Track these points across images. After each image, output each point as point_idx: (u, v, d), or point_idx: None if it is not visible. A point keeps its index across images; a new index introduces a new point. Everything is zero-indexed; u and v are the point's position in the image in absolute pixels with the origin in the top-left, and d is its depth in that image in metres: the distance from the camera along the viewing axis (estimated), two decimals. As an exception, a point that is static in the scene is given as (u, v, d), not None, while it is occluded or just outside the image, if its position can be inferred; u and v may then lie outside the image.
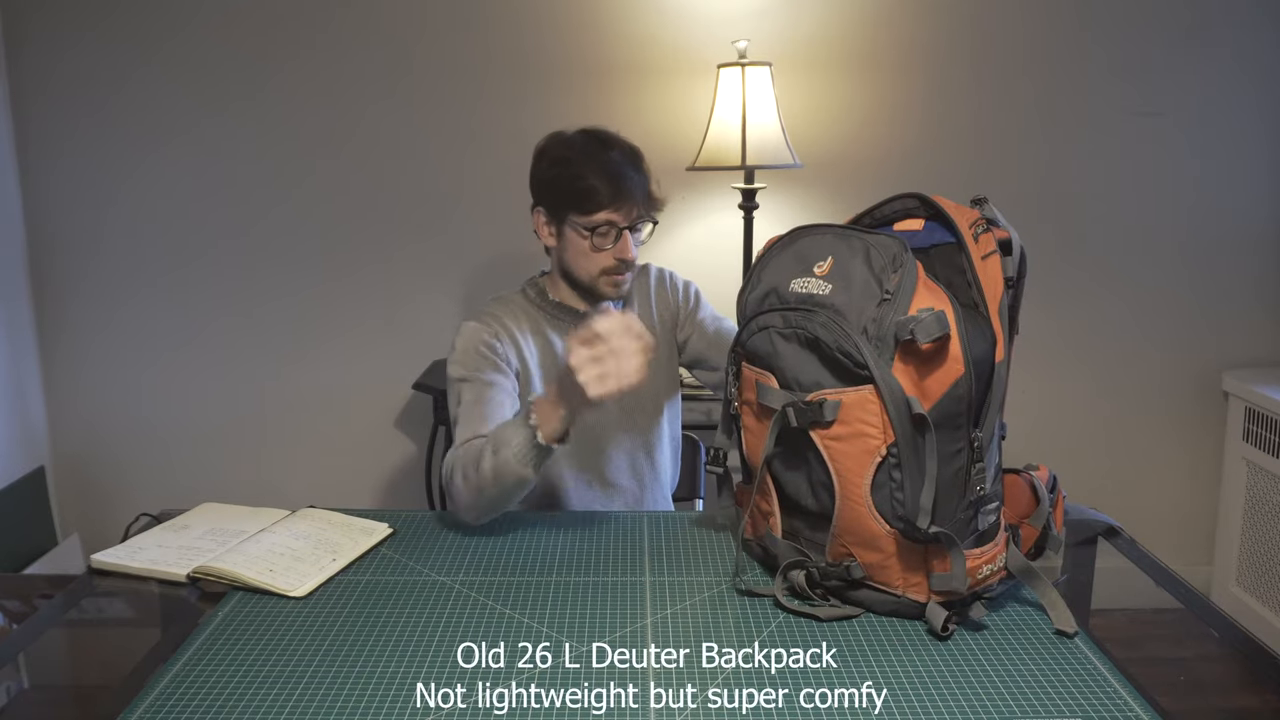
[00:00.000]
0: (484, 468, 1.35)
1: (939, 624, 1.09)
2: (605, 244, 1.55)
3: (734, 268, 2.59)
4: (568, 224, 1.56)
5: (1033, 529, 1.21)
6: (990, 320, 1.11)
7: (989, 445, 1.12)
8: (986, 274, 1.13)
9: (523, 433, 1.33)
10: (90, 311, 2.66)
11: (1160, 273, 2.66)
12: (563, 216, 1.56)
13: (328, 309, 2.67)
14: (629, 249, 1.56)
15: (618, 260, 1.56)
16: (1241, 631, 1.14)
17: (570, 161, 1.54)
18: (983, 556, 1.11)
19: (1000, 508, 1.15)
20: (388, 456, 2.74)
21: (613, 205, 1.52)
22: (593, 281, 1.59)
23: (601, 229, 1.53)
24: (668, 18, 2.53)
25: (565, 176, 1.54)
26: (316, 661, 1.07)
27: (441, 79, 2.56)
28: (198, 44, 2.53)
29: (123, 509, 2.65)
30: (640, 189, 1.55)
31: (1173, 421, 2.73)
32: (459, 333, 1.59)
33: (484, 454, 1.36)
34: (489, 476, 1.34)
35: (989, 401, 1.11)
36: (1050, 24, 2.54)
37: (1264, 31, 2.54)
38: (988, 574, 1.12)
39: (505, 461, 1.33)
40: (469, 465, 1.37)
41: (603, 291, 1.60)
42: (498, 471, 1.33)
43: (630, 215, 1.54)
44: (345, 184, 2.61)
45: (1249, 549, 2.59)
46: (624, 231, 1.55)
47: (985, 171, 2.60)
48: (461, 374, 1.54)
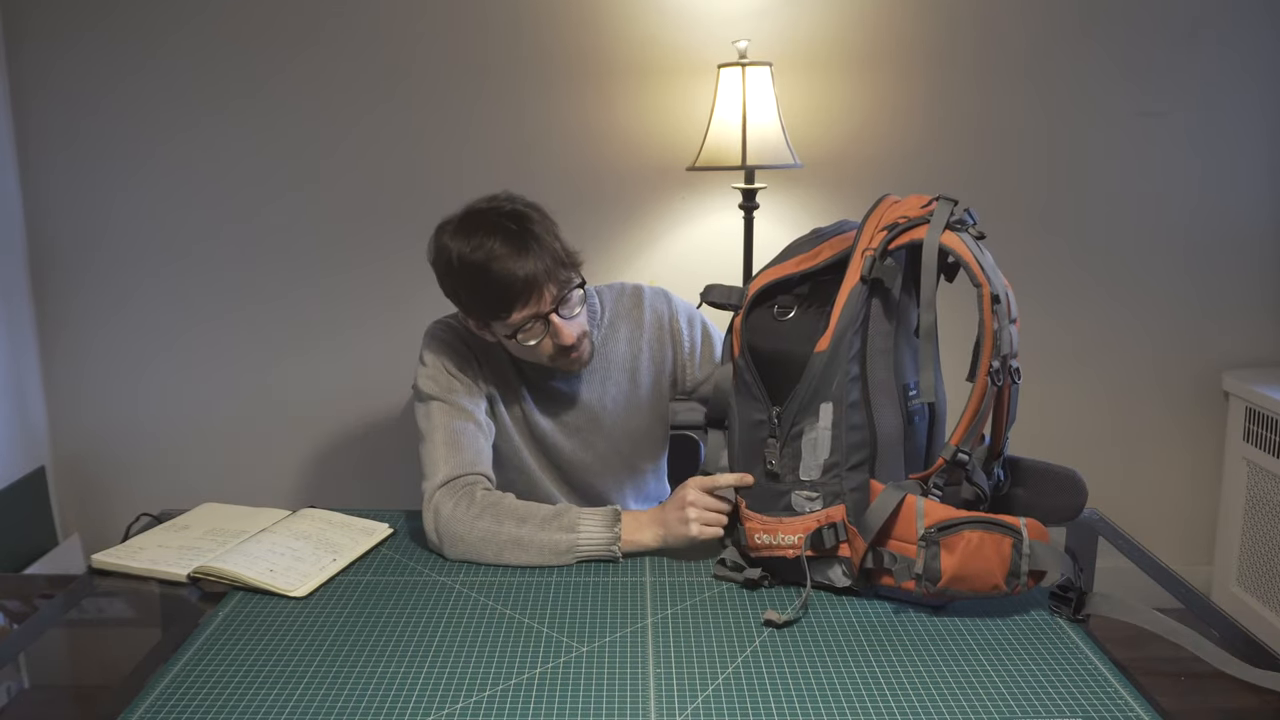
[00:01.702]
0: (540, 534, 1.33)
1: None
2: (534, 337, 1.41)
3: (734, 268, 2.59)
4: (493, 330, 1.45)
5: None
6: (831, 312, 1.19)
7: (791, 426, 1.21)
8: (853, 266, 1.19)
9: (604, 534, 1.33)
10: (90, 312, 2.66)
11: (1160, 273, 2.66)
12: (486, 324, 1.45)
13: (328, 309, 2.67)
14: (564, 333, 1.41)
15: (558, 347, 1.43)
16: (1241, 631, 1.14)
17: (461, 280, 1.41)
18: (764, 525, 1.23)
19: (825, 500, 1.19)
20: (388, 456, 2.74)
21: (521, 303, 1.37)
22: (552, 363, 1.47)
23: (526, 327, 1.40)
24: (668, 18, 2.53)
25: (465, 297, 1.43)
26: (316, 661, 1.07)
27: (441, 79, 2.56)
28: (197, 43, 2.53)
29: (123, 509, 2.65)
30: (541, 269, 1.36)
31: (1173, 421, 2.73)
32: (427, 342, 1.52)
33: (546, 521, 1.34)
34: (540, 543, 1.33)
35: (799, 386, 1.19)
36: (1051, 24, 2.54)
37: (1265, 31, 2.54)
38: (764, 543, 1.23)
39: (568, 542, 1.33)
40: (511, 518, 1.34)
41: (567, 370, 1.49)
42: (555, 546, 1.33)
43: (545, 299, 1.38)
44: (345, 184, 2.61)
45: (1249, 549, 2.59)
46: (549, 317, 1.40)
47: (985, 171, 2.60)
48: (434, 390, 1.47)
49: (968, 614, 1.17)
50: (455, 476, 1.39)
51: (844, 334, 1.17)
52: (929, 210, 1.17)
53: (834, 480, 1.19)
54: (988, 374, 1.12)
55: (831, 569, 1.20)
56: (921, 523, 1.12)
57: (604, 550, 1.33)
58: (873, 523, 1.14)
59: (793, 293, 1.25)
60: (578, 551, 1.33)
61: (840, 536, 1.18)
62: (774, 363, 1.23)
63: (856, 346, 1.17)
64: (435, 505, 1.37)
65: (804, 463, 1.20)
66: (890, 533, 1.14)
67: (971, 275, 1.12)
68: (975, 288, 1.12)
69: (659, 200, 2.59)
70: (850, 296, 1.17)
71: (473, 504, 1.36)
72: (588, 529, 1.33)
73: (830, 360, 1.18)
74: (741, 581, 1.25)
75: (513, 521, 1.34)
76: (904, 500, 1.13)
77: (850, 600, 1.20)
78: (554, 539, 1.33)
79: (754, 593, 1.23)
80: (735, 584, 1.26)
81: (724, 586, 1.25)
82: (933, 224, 1.15)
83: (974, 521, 1.11)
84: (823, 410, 1.19)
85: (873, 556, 1.15)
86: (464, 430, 1.44)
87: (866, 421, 1.18)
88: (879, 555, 1.15)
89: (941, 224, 1.14)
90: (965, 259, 1.13)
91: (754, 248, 2.47)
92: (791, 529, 1.21)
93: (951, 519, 1.11)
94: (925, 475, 1.17)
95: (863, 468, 1.18)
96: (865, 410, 1.18)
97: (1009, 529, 1.10)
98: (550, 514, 1.35)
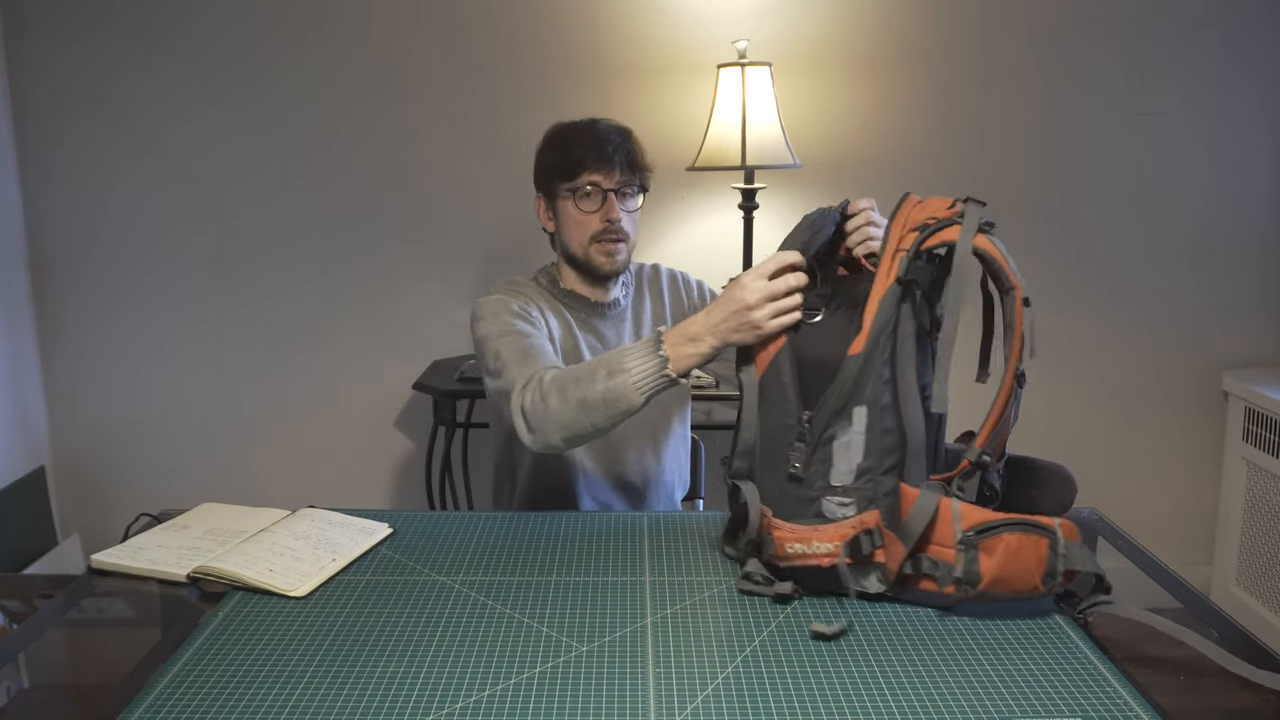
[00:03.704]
0: (595, 389, 1.32)
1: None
2: (591, 206, 1.57)
3: (734, 268, 2.59)
4: (559, 197, 1.60)
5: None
6: (864, 314, 1.16)
7: (823, 431, 1.16)
8: (884, 267, 1.17)
9: (650, 361, 1.31)
10: (90, 311, 2.66)
11: (1160, 272, 2.66)
12: (554, 192, 1.60)
13: (328, 309, 2.67)
14: (615, 209, 1.57)
15: (606, 223, 1.57)
16: (1241, 631, 1.14)
17: (557, 136, 1.62)
18: (795, 534, 1.17)
19: (859, 505, 1.17)
20: (388, 456, 2.74)
21: (594, 167, 1.56)
22: (586, 253, 1.59)
23: (585, 189, 1.56)
24: (668, 18, 2.53)
25: (551, 150, 1.61)
26: (316, 661, 1.07)
27: (441, 78, 2.56)
28: (195, 39, 2.53)
29: (123, 509, 2.65)
30: (623, 154, 1.58)
31: (1173, 421, 2.73)
32: (479, 305, 1.58)
33: (596, 374, 1.33)
34: (598, 398, 1.32)
35: (831, 390, 1.16)
36: (1052, 23, 2.54)
37: (1267, 32, 2.54)
38: (796, 552, 1.17)
39: (622, 385, 1.31)
40: (572, 384, 1.34)
41: (596, 263, 1.60)
42: (612, 394, 1.31)
43: (614, 179, 1.57)
44: (346, 184, 2.61)
45: (1249, 549, 2.59)
46: (609, 194, 1.57)
47: (985, 171, 2.60)
48: (498, 330, 1.52)
49: (968, 614, 1.16)
50: (530, 378, 1.41)
51: (878, 336, 1.15)
52: (955, 212, 1.16)
53: (868, 485, 1.17)
54: (1015, 377, 1.12)
55: (867, 577, 1.18)
56: (959, 526, 1.11)
57: (659, 378, 1.31)
58: (914, 528, 1.12)
59: (814, 293, 1.23)
60: (638, 388, 1.31)
61: (877, 542, 1.16)
62: (804, 366, 1.20)
63: (888, 349, 1.16)
64: (519, 408, 1.39)
65: (835, 468, 1.17)
66: (929, 537, 1.13)
67: (1005, 279, 1.13)
68: (1006, 291, 1.12)
69: (659, 200, 2.59)
70: (885, 298, 1.16)
71: (541, 388, 1.38)
72: (634, 363, 1.32)
73: (865, 363, 1.15)
74: (772, 595, 1.20)
75: (575, 386, 1.34)
76: (940, 503, 1.13)
77: (850, 601, 1.20)
78: (611, 389, 1.31)
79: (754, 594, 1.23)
80: (766, 597, 1.21)
81: (724, 586, 1.24)
82: (965, 228, 1.13)
83: (1012, 524, 1.10)
84: (856, 414, 1.16)
85: (911, 562, 1.14)
86: (530, 345, 1.48)
87: (897, 425, 1.16)
88: (918, 560, 1.14)
89: (974, 228, 1.13)
90: (999, 261, 1.13)
91: (754, 248, 2.47)
92: (827, 537, 1.17)
93: (988, 521, 1.11)
94: (949, 477, 1.16)
95: (894, 471, 1.16)
96: (896, 413, 1.16)
97: (1045, 529, 1.10)
98: (599, 363, 1.35)
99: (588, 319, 1.65)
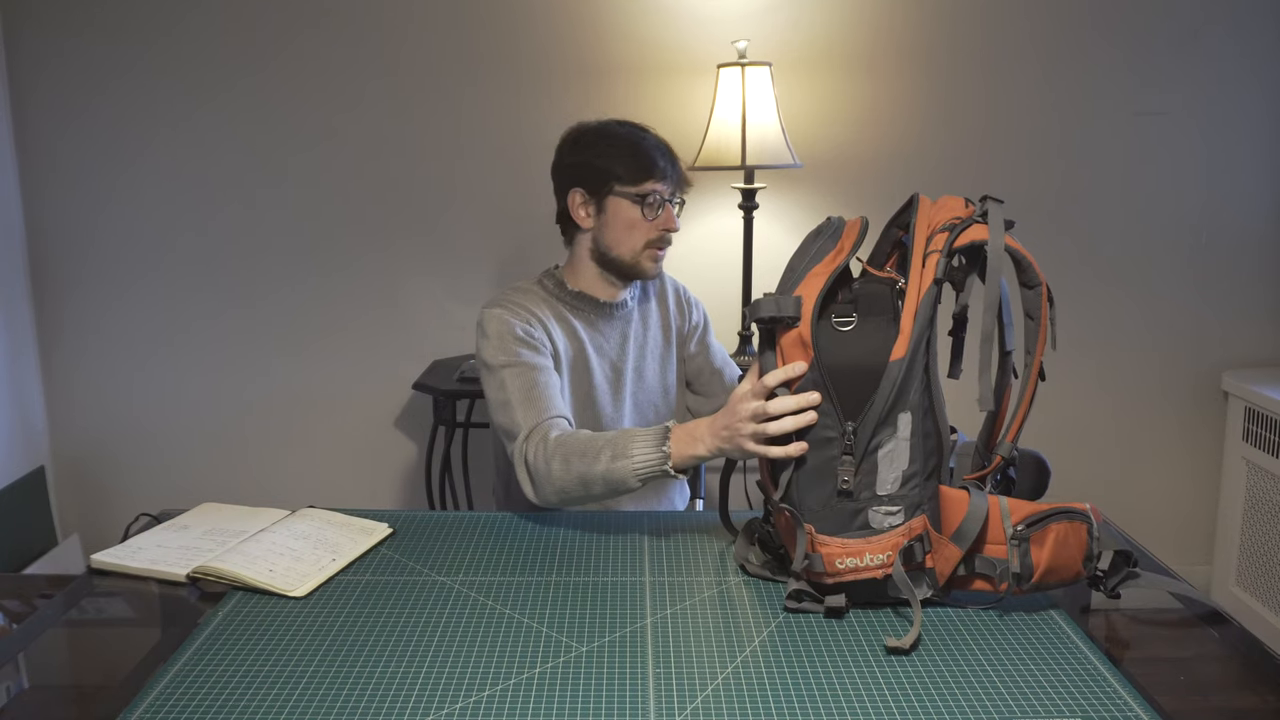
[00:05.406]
0: (598, 467, 1.36)
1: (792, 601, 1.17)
2: (654, 213, 1.59)
3: (734, 267, 2.59)
4: (614, 196, 1.59)
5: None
6: (899, 317, 1.15)
7: (869, 441, 1.14)
8: (916, 269, 1.16)
9: (654, 454, 1.34)
10: (90, 312, 2.66)
11: (1160, 273, 2.66)
12: (608, 190, 1.59)
13: (328, 309, 2.67)
14: (674, 220, 1.61)
15: (662, 232, 1.60)
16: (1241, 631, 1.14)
17: (618, 137, 1.60)
18: (846, 548, 1.14)
19: (907, 512, 1.15)
20: (388, 456, 2.74)
21: (660, 175, 1.58)
22: (635, 257, 1.61)
23: (651, 198, 1.58)
24: (668, 18, 2.53)
25: (615, 150, 1.59)
26: (316, 661, 1.07)
27: (441, 78, 2.56)
28: (195, 40, 2.53)
29: (123, 509, 2.65)
30: (676, 167, 1.63)
31: (1173, 421, 2.73)
32: (485, 320, 1.57)
33: (601, 453, 1.36)
34: (599, 476, 1.36)
35: (875, 397, 1.14)
36: (1052, 23, 2.54)
37: (1267, 32, 2.54)
38: (848, 567, 1.14)
39: (623, 470, 1.35)
40: (577, 457, 1.38)
41: (644, 267, 1.62)
42: (612, 476, 1.35)
43: (671, 190, 1.61)
44: (346, 184, 2.61)
45: (1249, 549, 2.59)
46: (667, 204, 1.60)
47: (985, 171, 2.60)
48: (503, 360, 1.52)
49: (967, 613, 1.17)
50: (534, 427, 1.45)
51: (919, 340, 1.14)
52: (972, 211, 1.18)
53: (914, 491, 1.16)
54: (1037, 370, 1.15)
55: (918, 584, 1.16)
56: (1008, 522, 1.12)
57: (657, 470, 1.34)
58: (970, 530, 1.12)
59: (840, 300, 1.19)
60: (637, 475, 1.35)
61: (927, 548, 1.15)
62: (844, 376, 1.16)
63: (928, 352, 1.15)
64: (523, 459, 1.43)
65: (880, 477, 1.15)
66: (983, 537, 1.13)
67: (1033, 274, 1.15)
68: (1033, 287, 1.15)
69: (659, 200, 2.58)
70: (923, 300, 1.15)
71: (546, 448, 1.41)
72: (639, 452, 1.35)
73: (909, 368, 1.14)
74: (824, 611, 1.16)
75: (579, 460, 1.38)
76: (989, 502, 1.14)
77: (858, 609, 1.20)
78: (612, 470, 1.35)
79: (754, 593, 1.23)
80: (817, 614, 1.17)
81: (724, 586, 1.24)
82: (993, 226, 1.14)
83: (1055, 514, 1.13)
84: (901, 420, 1.14)
85: (964, 564, 1.14)
86: (535, 383, 1.50)
87: (935, 428, 1.16)
88: (971, 561, 1.14)
89: (1001, 225, 1.15)
90: (1027, 258, 1.15)
91: (754, 248, 2.47)
92: (879, 548, 1.14)
93: (1034, 514, 1.13)
94: (982, 475, 1.17)
95: (936, 475, 1.16)
96: (933, 416, 1.16)
97: (1082, 515, 1.13)
98: (606, 443, 1.37)
99: (594, 320, 1.66)
